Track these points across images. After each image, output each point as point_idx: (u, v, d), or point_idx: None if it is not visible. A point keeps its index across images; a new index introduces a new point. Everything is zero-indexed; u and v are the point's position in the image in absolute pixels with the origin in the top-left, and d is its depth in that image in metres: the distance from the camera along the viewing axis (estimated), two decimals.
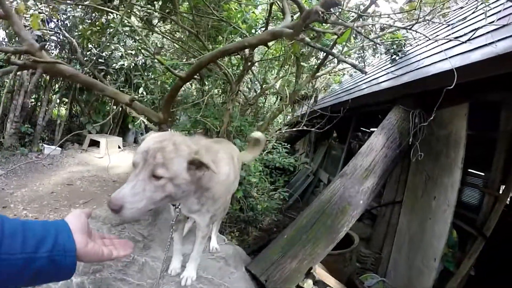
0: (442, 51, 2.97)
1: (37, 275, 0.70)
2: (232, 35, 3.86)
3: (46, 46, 8.46)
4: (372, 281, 3.70)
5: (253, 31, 3.90)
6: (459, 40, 2.69)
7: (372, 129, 3.39)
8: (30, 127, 8.42)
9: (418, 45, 4.60)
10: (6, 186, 5.96)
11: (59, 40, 8.05)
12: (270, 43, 5.78)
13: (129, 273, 1.86)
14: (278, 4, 3.29)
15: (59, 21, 7.69)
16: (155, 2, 3.59)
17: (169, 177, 1.10)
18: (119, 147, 9.59)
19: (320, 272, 2.69)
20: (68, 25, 7.39)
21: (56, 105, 9.62)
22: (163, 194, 1.10)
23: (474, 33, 2.59)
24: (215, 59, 2.21)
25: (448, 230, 2.98)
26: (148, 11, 3.70)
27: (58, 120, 9.34)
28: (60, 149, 8.70)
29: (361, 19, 2.50)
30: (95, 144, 9.14)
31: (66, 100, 9.37)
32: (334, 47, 3.94)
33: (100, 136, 9.13)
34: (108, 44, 4.53)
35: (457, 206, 3.01)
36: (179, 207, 1.39)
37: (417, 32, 2.90)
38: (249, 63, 3.90)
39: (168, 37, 4.55)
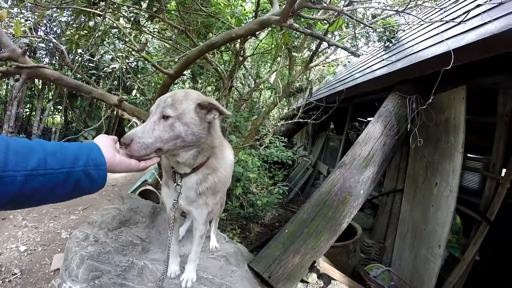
0: (436, 34, 2.93)
1: (75, 187, 0.83)
2: (222, 31, 3.80)
3: (36, 54, 8.42)
4: (377, 271, 3.67)
5: (242, 24, 3.83)
6: (454, 22, 2.64)
7: (369, 119, 3.34)
8: (25, 137, 8.36)
9: (411, 30, 4.55)
10: None
11: (49, 47, 7.99)
12: (261, 37, 5.81)
13: (128, 277, 1.81)
14: None
15: (47, 27, 7.63)
16: (141, 2, 3.52)
17: (176, 115, 1.15)
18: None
19: (324, 266, 2.65)
20: (57, 32, 7.33)
21: (51, 113, 9.58)
22: (171, 133, 1.13)
23: (467, 14, 2.55)
24: (202, 53, 2.15)
25: (452, 216, 2.94)
26: (135, 11, 3.63)
27: (53, 128, 9.29)
28: None
29: (352, 4, 2.43)
30: None
31: (61, 107, 9.33)
32: (326, 36, 3.88)
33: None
34: (96, 46, 4.45)
35: (459, 191, 2.97)
36: (180, 184, 1.36)
37: (410, 14, 2.84)
38: (241, 58, 3.84)
39: (157, 36, 4.49)
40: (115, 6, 3.52)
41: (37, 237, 4.66)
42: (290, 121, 4.65)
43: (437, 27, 3.11)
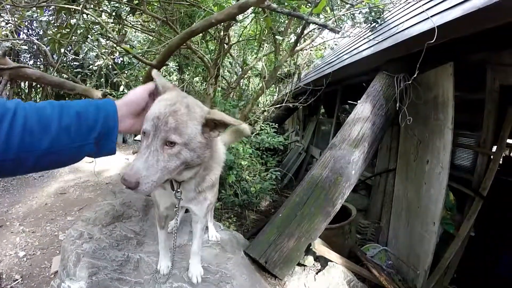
0: (422, 12, 2.91)
1: (84, 155, 0.87)
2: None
3: (20, 58, 8.28)
4: (374, 251, 3.70)
5: None
6: None
7: (359, 101, 3.35)
8: None
9: (397, 9, 4.53)
10: (0, 205, 5.89)
11: (32, 49, 7.86)
12: (246, 23, 5.74)
13: (125, 271, 1.83)
14: None
15: (29, 30, 7.50)
16: None
17: (183, 142, 1.02)
18: None
19: (320, 248, 2.67)
20: (40, 33, 7.20)
21: None
22: (178, 162, 1.03)
23: None
24: (184, 41, 2.12)
25: (444, 193, 2.96)
26: (116, 5, 3.57)
27: None
28: None
29: None
30: None
31: None
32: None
33: None
34: (80, 44, 4.38)
35: (451, 168, 2.99)
36: (179, 190, 1.27)
37: None
38: (226, 46, 3.80)
39: (140, 29, 4.43)
40: (95, 1, 3.46)
41: (35, 241, 4.65)
42: (278, 105, 4.63)
43: (423, 4, 3.10)
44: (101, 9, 3.95)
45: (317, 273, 2.62)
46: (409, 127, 3.41)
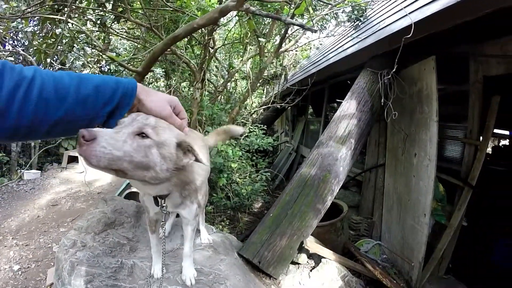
0: (402, 8, 2.97)
1: (95, 124, 0.86)
2: None
3: None
4: (367, 245, 3.74)
5: None
6: None
7: (345, 98, 3.41)
8: (4, 155, 8.20)
9: (380, 7, 4.60)
10: None
11: (18, 60, 7.80)
12: (231, 27, 5.77)
13: (119, 277, 1.83)
14: None
15: (15, 41, 7.44)
16: (106, 4, 3.47)
17: (157, 141, 0.94)
18: None
19: (313, 245, 2.70)
20: (25, 44, 7.16)
21: None
22: (144, 158, 0.92)
23: None
24: (167, 47, 2.14)
25: (433, 184, 3.01)
26: (100, 13, 3.58)
27: (32, 143, 9.12)
28: (40, 171, 8.51)
29: None
30: (73, 160, 8.92)
31: None
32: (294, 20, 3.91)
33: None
34: (65, 53, 4.37)
35: (441, 160, 3.04)
36: (164, 204, 1.23)
37: None
38: (211, 49, 3.83)
39: (125, 36, 4.43)
40: (80, 10, 3.46)
41: (29, 254, 4.62)
42: (266, 107, 4.66)
43: (404, 0, 3.16)
44: (85, 18, 3.95)
45: (311, 270, 2.64)
46: (396, 122, 3.46)
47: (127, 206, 2.47)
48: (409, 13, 2.70)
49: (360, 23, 4.47)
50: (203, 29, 3.39)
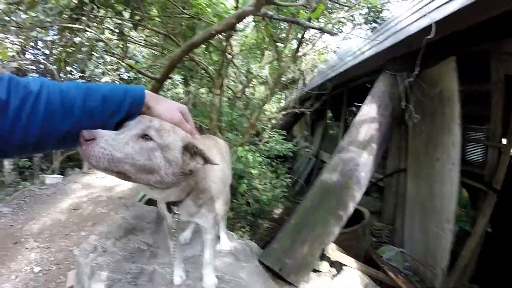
0: (420, 8, 2.90)
1: None
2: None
3: (28, 77, 8.47)
4: (390, 253, 3.65)
5: None
6: None
7: (364, 102, 3.34)
8: (27, 160, 8.42)
9: (397, 7, 4.53)
10: (14, 223, 5.99)
11: (39, 69, 8.03)
12: (247, 32, 5.79)
13: (139, 283, 1.82)
14: None
15: (35, 50, 7.67)
16: (123, 12, 3.53)
17: (161, 144, 0.92)
18: None
19: (334, 253, 2.64)
20: (45, 52, 7.37)
21: None
22: (147, 161, 0.90)
23: None
24: (185, 54, 2.15)
25: (457, 189, 2.92)
26: (118, 22, 3.65)
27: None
28: (62, 176, 8.70)
29: None
30: None
31: None
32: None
33: None
34: (85, 61, 4.48)
35: (463, 163, 2.95)
36: (177, 212, 1.22)
37: None
38: (229, 55, 3.84)
39: (143, 44, 4.50)
40: (97, 19, 3.53)
41: (50, 256, 4.72)
42: (285, 112, 4.64)
43: (421, 0, 3.09)
44: (103, 26, 4.03)
45: (332, 278, 2.59)
46: (417, 125, 3.38)
47: (148, 212, 2.49)
48: (428, 12, 2.63)
49: (377, 25, 4.40)
50: (220, 35, 3.40)
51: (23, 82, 0.72)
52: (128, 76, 6.96)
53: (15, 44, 4.26)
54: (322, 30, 2.10)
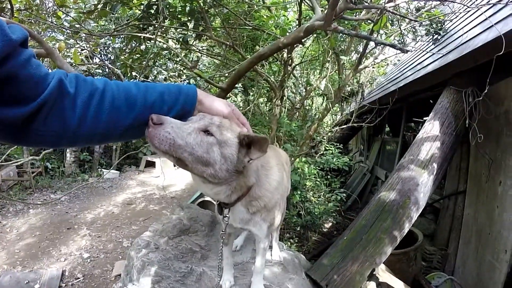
0: (485, 20, 2.73)
1: None
2: (268, 42, 3.88)
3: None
4: (439, 280, 3.46)
5: (287, 34, 3.88)
6: (501, 3, 2.47)
7: (425, 118, 3.16)
8: (88, 154, 9.08)
9: (459, 18, 4.29)
10: (70, 210, 6.48)
11: (105, 73, 8.66)
12: (307, 44, 5.81)
13: (187, 283, 1.86)
14: (306, 2, 3.24)
15: (102, 55, 8.28)
16: (188, 23, 3.71)
17: (220, 140, 0.98)
18: (174, 166, 10.03)
19: (384, 274, 2.56)
20: (112, 58, 7.94)
21: None
22: (205, 154, 0.95)
23: None
24: (252, 65, 2.21)
25: None
26: (183, 32, 3.84)
27: (114, 146, 9.98)
28: (119, 172, 9.26)
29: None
30: (151, 165, 9.59)
31: None
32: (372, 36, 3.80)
33: (155, 157, 9.59)
34: (150, 68, 4.76)
35: None
36: (227, 215, 1.25)
37: (454, 2, 2.66)
38: (289, 67, 3.87)
39: (206, 53, 4.69)
40: (163, 29, 3.73)
41: (100, 245, 5.03)
42: (344, 126, 4.57)
43: (485, 11, 2.91)
44: (168, 36, 4.26)
45: None
46: (480, 145, 3.17)
47: (203, 215, 2.56)
48: (494, 24, 2.46)
49: (439, 37, 4.18)
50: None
51: (89, 80, 0.81)
52: (189, 83, 7.28)
53: (85, 49, 4.64)
54: (394, 47, 2.05)
